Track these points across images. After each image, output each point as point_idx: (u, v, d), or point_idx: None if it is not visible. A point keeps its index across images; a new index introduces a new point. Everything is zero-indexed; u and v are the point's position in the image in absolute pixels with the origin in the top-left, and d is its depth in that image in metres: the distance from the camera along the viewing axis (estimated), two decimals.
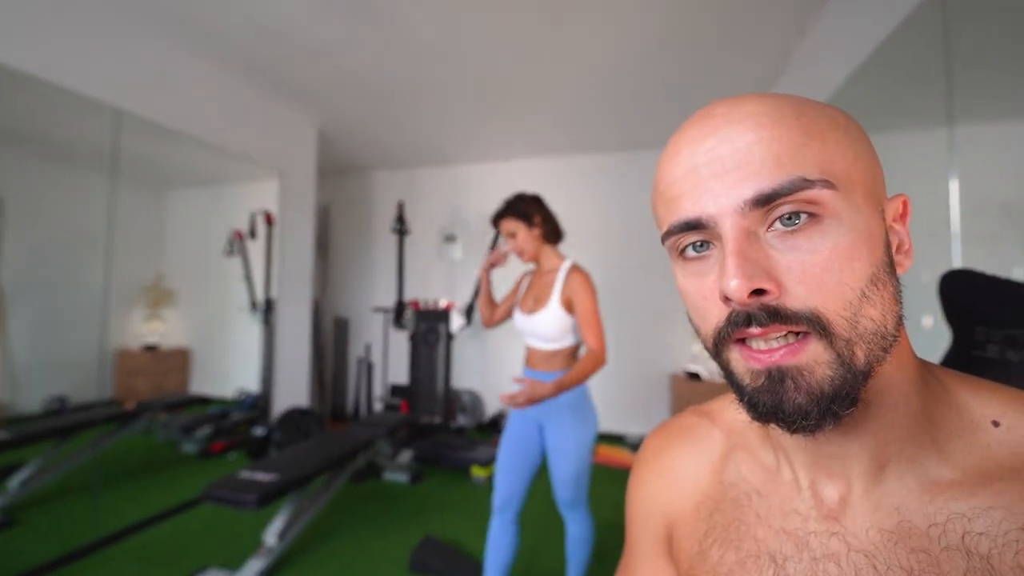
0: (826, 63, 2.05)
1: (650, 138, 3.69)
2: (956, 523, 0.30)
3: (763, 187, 0.29)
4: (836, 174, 0.29)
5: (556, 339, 1.48)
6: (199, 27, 2.28)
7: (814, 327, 0.29)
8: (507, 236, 1.54)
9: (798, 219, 0.29)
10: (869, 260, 0.30)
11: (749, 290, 0.29)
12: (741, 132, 0.30)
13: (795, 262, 0.29)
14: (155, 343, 2.77)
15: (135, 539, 2.14)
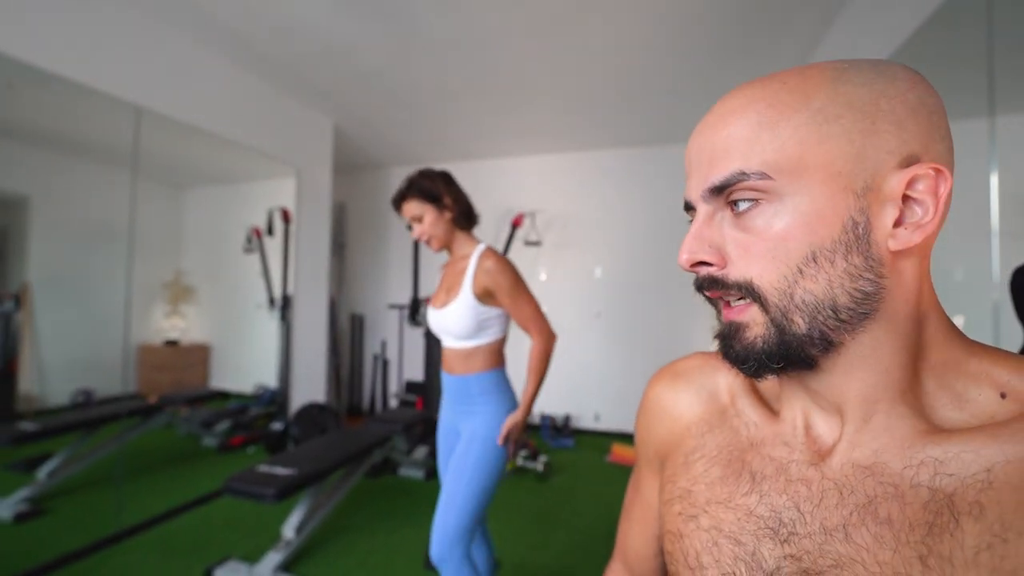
0: (858, 51, 1.98)
1: (668, 133, 3.62)
2: (929, 465, 0.32)
3: (713, 181, 0.35)
4: (781, 163, 0.32)
5: (471, 335, 1.31)
6: (219, 26, 2.30)
7: (749, 294, 0.34)
8: (412, 221, 1.33)
9: (743, 204, 0.34)
10: (806, 239, 0.32)
11: (690, 263, 0.36)
12: (715, 129, 0.35)
13: (736, 239, 0.35)
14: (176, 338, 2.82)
15: (157, 530, 2.18)
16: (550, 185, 4.11)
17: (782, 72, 0.34)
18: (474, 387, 1.34)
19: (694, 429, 0.46)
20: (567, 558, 2.02)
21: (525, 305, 1.32)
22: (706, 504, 0.41)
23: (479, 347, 1.34)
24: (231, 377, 3.15)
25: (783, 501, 0.37)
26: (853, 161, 0.31)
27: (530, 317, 1.32)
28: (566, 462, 3.21)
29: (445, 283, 1.39)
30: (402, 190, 1.33)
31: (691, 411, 0.47)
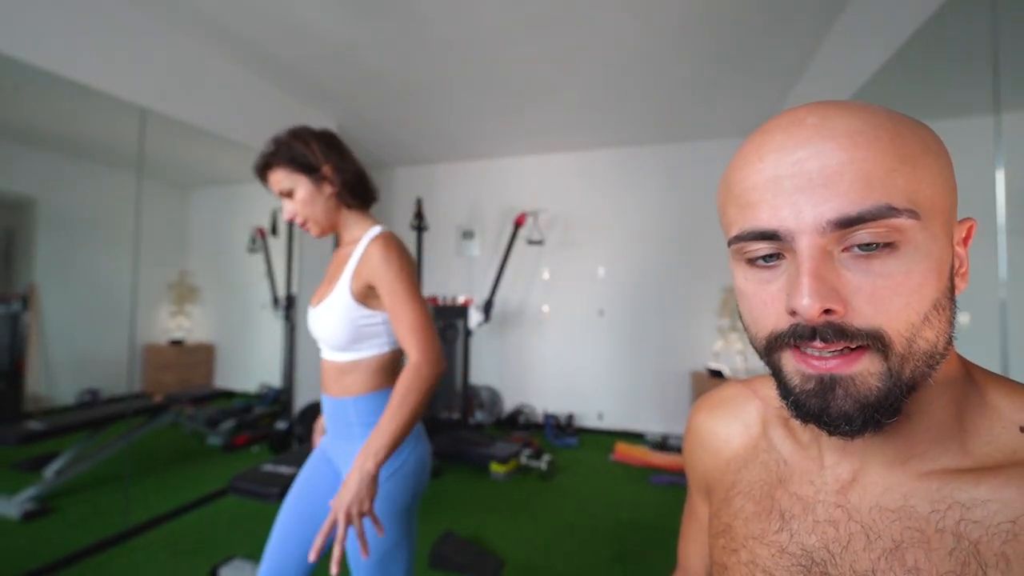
0: (862, 47, 1.97)
1: (671, 132, 3.61)
2: (955, 510, 0.32)
3: (848, 210, 0.29)
4: (921, 203, 0.30)
5: (347, 344, 0.99)
6: (223, 28, 2.31)
7: (874, 343, 0.30)
8: (281, 196, 1.01)
9: (875, 245, 0.30)
10: (936, 287, 0.31)
11: (821, 310, 0.30)
12: (834, 149, 0.30)
13: (866, 283, 0.30)
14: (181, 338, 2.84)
15: (163, 528, 2.19)
16: (553, 184, 4.11)
17: (864, 104, 0.32)
18: (352, 415, 1.00)
19: (733, 464, 0.47)
20: (571, 558, 2.02)
21: (408, 310, 0.95)
22: (744, 539, 0.42)
23: (359, 362, 1.00)
24: (236, 376, 3.16)
25: (813, 541, 0.37)
26: (952, 210, 0.32)
27: (411, 327, 0.94)
28: (570, 461, 3.21)
29: (327, 277, 1.07)
30: (266, 155, 0.99)
31: (728, 445, 0.49)
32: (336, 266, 1.05)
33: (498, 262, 4.03)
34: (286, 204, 1.00)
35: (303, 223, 1.02)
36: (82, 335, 2.33)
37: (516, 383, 4.18)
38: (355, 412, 1.00)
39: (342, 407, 1.01)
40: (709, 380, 3.30)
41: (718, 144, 3.73)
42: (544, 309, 4.12)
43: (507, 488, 2.73)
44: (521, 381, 4.17)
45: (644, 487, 2.80)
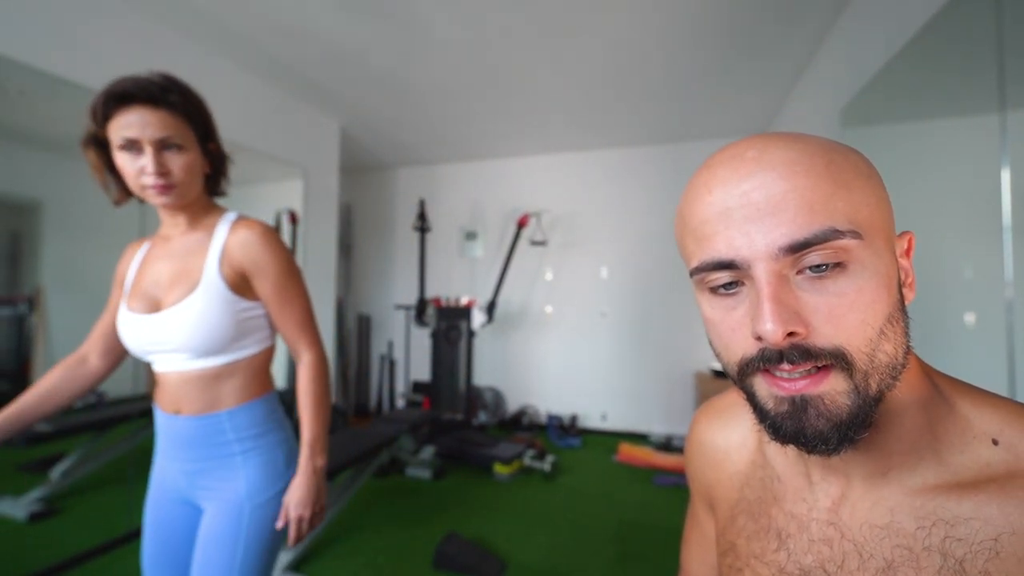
0: (865, 46, 1.96)
1: (673, 133, 3.61)
2: (940, 528, 0.33)
3: (797, 236, 0.31)
4: (861, 223, 0.32)
5: (227, 344, 0.83)
6: (226, 30, 2.32)
7: (838, 361, 0.32)
8: (152, 146, 0.78)
9: (824, 266, 0.31)
10: (887, 301, 0.32)
11: (784, 333, 0.31)
12: (775, 179, 0.32)
13: (822, 304, 0.32)
14: None
15: None
16: (556, 185, 4.11)
17: (798, 134, 0.34)
18: (228, 431, 0.85)
19: (736, 480, 0.48)
20: (575, 559, 2.01)
21: (299, 305, 0.90)
22: (747, 558, 0.43)
23: (237, 364, 0.85)
24: None
25: (809, 560, 0.38)
26: (890, 226, 0.35)
27: (302, 324, 0.91)
28: (573, 462, 3.20)
29: (158, 271, 0.86)
30: (162, 88, 0.82)
31: (729, 458, 0.50)
32: (184, 257, 0.86)
33: (501, 263, 4.03)
34: (157, 157, 0.78)
35: (168, 187, 0.80)
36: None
37: (519, 384, 4.18)
38: (232, 427, 0.85)
39: (213, 425, 0.84)
40: (713, 381, 3.29)
41: (721, 144, 3.72)
42: (547, 310, 4.12)
43: (510, 489, 2.73)
44: (524, 382, 4.17)
45: (648, 488, 2.79)
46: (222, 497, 0.85)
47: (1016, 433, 0.33)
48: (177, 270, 0.85)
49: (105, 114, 0.78)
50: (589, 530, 2.26)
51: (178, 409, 0.85)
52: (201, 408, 0.84)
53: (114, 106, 0.78)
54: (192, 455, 0.86)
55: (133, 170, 0.78)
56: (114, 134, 0.78)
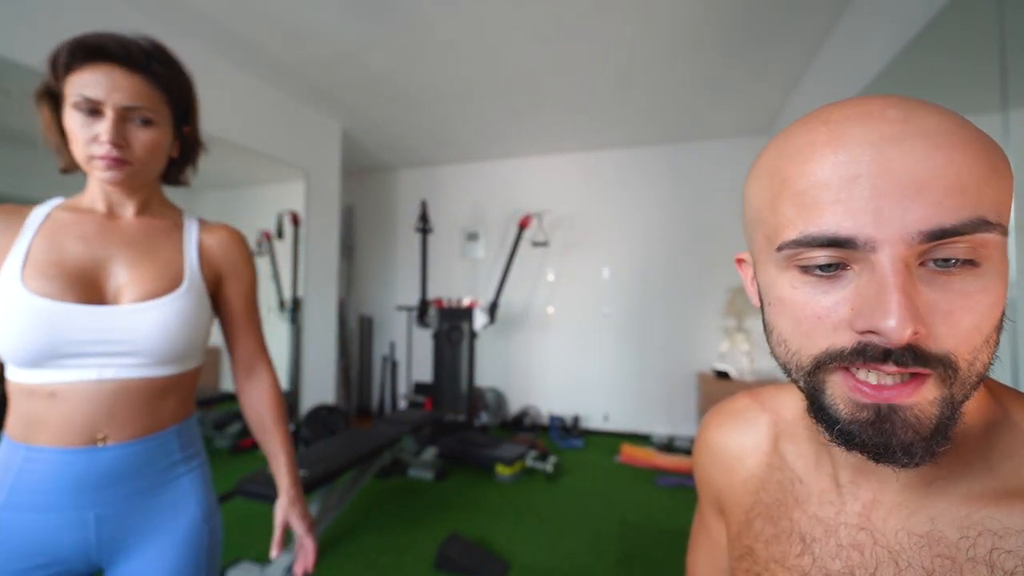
0: (867, 44, 1.96)
1: (675, 133, 3.61)
2: (986, 538, 0.30)
3: (944, 221, 0.26)
4: (1005, 217, 0.27)
5: (183, 354, 0.73)
6: (227, 32, 2.33)
7: (943, 368, 0.28)
8: (112, 110, 0.66)
9: (956, 261, 0.27)
10: (1000, 309, 0.29)
11: (912, 332, 0.26)
12: (926, 149, 0.27)
13: (943, 302, 0.28)
14: None
15: None
16: (557, 186, 4.11)
17: (951, 112, 0.29)
18: (176, 451, 0.75)
19: (750, 484, 0.46)
20: (577, 560, 2.01)
21: (258, 320, 0.87)
22: (767, 563, 0.40)
23: (184, 375, 0.75)
24: None
25: (837, 566, 0.35)
26: None
27: (261, 338, 0.88)
28: (575, 463, 3.20)
29: (94, 252, 0.70)
30: (135, 48, 0.72)
31: (742, 463, 0.47)
32: (150, 247, 0.74)
33: (503, 264, 4.03)
34: (118, 127, 0.67)
35: (121, 162, 0.68)
36: None
37: (521, 385, 4.18)
38: (180, 445, 0.75)
39: (159, 446, 0.73)
40: (715, 381, 3.28)
41: (722, 144, 3.72)
42: (549, 311, 4.12)
43: (512, 490, 2.73)
44: (526, 383, 4.17)
45: (650, 489, 2.78)
46: (170, 529, 0.73)
47: None
48: (141, 259, 0.72)
49: (68, 64, 0.66)
50: (591, 531, 2.25)
51: (99, 438, 0.67)
52: (142, 429, 0.70)
53: (82, 59, 0.66)
54: (121, 492, 0.69)
55: (85, 136, 0.66)
56: (71, 89, 0.66)
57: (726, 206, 3.69)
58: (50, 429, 0.65)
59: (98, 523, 0.67)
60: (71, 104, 0.66)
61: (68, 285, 0.66)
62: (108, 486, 0.68)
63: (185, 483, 0.76)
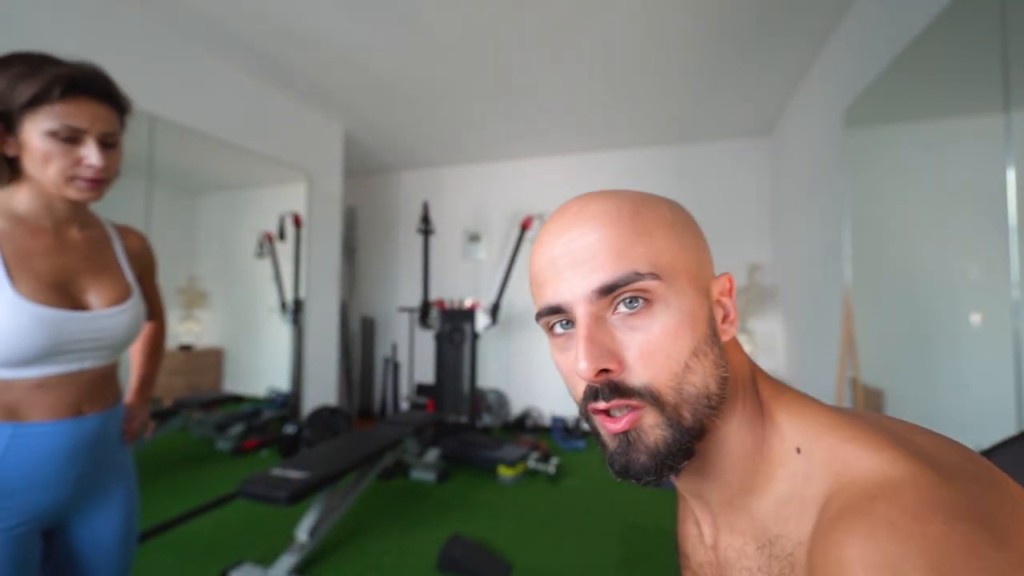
0: (869, 45, 1.96)
1: (679, 134, 3.61)
2: (766, 549, 0.36)
3: (606, 279, 0.35)
4: (662, 266, 0.35)
5: (128, 347, 0.92)
6: (231, 34, 2.34)
7: (649, 397, 0.35)
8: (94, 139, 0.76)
9: (636, 303, 0.35)
10: (691, 336, 0.35)
11: (596, 371, 0.34)
12: (587, 231, 0.36)
13: (633, 340, 0.35)
14: (190, 343, 2.86)
15: (173, 533, 2.20)
16: (559, 187, 4.11)
17: (619, 191, 0.39)
18: (120, 423, 0.93)
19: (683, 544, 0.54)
20: (580, 561, 2.01)
21: (160, 296, 1.12)
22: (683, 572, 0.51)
23: (117, 363, 0.92)
24: (244, 381, 3.18)
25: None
26: (698, 268, 0.38)
27: (161, 308, 1.13)
28: (578, 464, 3.19)
29: (58, 264, 0.80)
30: (106, 82, 0.79)
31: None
32: (95, 254, 0.87)
33: (505, 265, 4.03)
34: (90, 148, 0.75)
35: (102, 182, 0.80)
36: None
37: (523, 386, 4.18)
38: (116, 423, 0.90)
39: (115, 417, 0.90)
40: None
41: (725, 145, 3.72)
42: None
43: (515, 491, 2.73)
44: (528, 384, 4.17)
45: (653, 490, 2.78)
46: (125, 484, 0.94)
47: (812, 438, 0.35)
48: (99, 272, 0.86)
49: (41, 98, 0.71)
50: (594, 532, 2.25)
51: (81, 410, 0.82)
52: (105, 404, 0.87)
53: (61, 92, 0.72)
54: (94, 455, 0.84)
55: (67, 159, 0.74)
56: (47, 119, 0.72)
57: (727, 207, 3.69)
58: (43, 407, 0.77)
59: (77, 481, 0.82)
60: (46, 131, 0.72)
61: (56, 295, 0.78)
62: (89, 449, 0.83)
63: (126, 450, 0.97)
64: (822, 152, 2.47)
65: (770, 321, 3.52)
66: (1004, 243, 1.40)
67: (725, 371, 0.37)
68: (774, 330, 3.51)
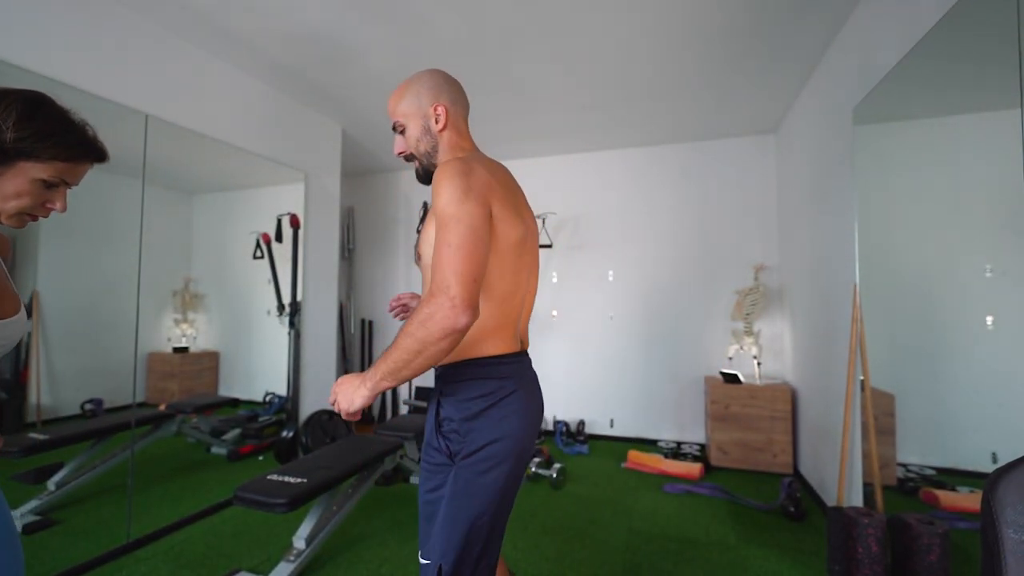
0: (877, 44, 1.92)
1: (684, 133, 3.58)
2: None
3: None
4: (403, 113, 1.11)
5: None
6: (227, 33, 2.29)
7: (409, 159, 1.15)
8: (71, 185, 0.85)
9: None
10: (415, 137, 1.11)
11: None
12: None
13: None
14: (185, 346, 2.81)
15: (167, 540, 2.15)
16: (561, 187, 4.07)
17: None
18: None
19: None
20: (583, 568, 1.95)
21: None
22: None
23: None
24: (240, 384, 3.13)
25: None
26: (418, 109, 1.08)
27: None
28: (581, 469, 3.14)
29: None
30: (105, 153, 0.89)
31: None
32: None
33: None
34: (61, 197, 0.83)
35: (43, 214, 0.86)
36: (85, 344, 2.30)
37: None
38: None
39: None
40: (724, 385, 3.23)
41: (731, 143, 3.69)
42: (553, 313, 4.07)
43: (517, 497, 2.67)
44: None
45: (658, 496, 2.73)
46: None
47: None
48: (2, 283, 0.89)
49: (74, 159, 0.80)
50: (597, 539, 2.20)
51: None
52: None
53: (85, 158, 0.82)
54: None
55: (36, 200, 0.79)
56: (51, 174, 0.78)
57: (733, 207, 3.65)
58: None
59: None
60: (44, 177, 0.78)
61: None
62: None
63: None
64: (830, 150, 2.43)
65: (777, 322, 3.48)
66: (1020, 242, 1.36)
67: (432, 144, 1.09)
68: (781, 332, 3.47)
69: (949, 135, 1.75)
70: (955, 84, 1.74)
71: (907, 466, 1.85)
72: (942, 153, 1.77)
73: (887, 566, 1.69)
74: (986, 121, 1.62)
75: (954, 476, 1.72)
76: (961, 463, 1.70)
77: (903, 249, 1.96)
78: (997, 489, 0.61)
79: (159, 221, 2.46)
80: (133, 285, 2.21)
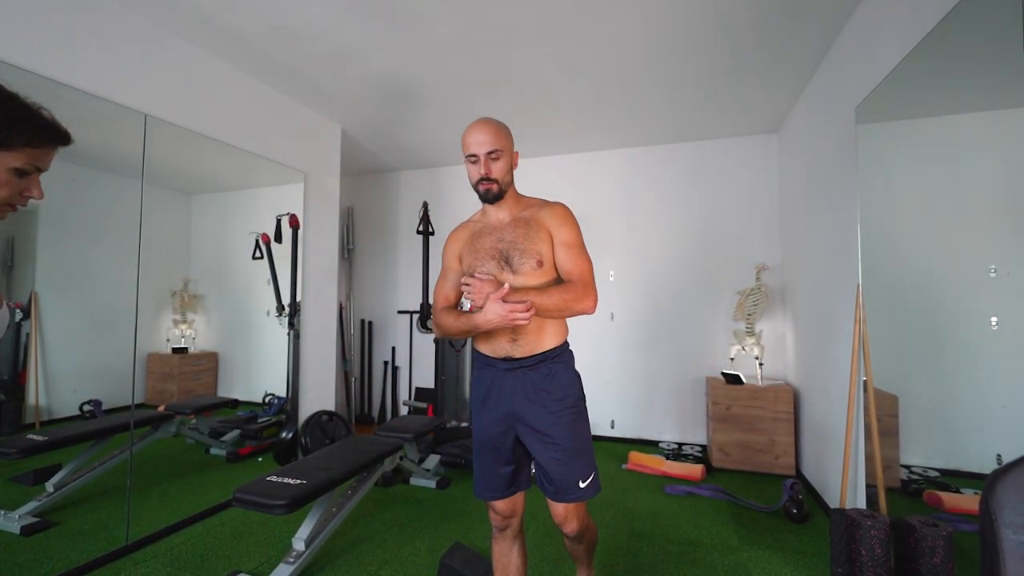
0: (879, 43, 1.91)
1: (685, 132, 3.57)
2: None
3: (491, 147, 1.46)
4: (500, 147, 1.46)
5: None
6: (226, 33, 2.29)
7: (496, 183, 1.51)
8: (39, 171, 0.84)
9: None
10: (508, 168, 1.55)
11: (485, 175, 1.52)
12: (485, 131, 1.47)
13: (495, 167, 1.52)
14: (184, 347, 2.80)
15: (166, 542, 2.14)
16: (561, 187, 4.06)
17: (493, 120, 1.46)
18: None
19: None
20: None
21: None
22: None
23: None
24: (240, 385, 3.12)
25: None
26: (510, 149, 1.47)
27: None
28: None
29: None
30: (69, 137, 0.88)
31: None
32: None
33: None
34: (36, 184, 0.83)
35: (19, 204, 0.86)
36: (84, 345, 2.29)
37: None
38: None
39: None
40: (725, 386, 3.21)
41: (733, 142, 3.67)
42: None
43: None
44: None
45: (659, 497, 2.72)
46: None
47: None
48: None
49: (44, 143, 0.80)
50: (600, 542, 2.19)
51: None
52: None
53: (54, 142, 0.82)
54: None
55: (14, 190, 0.80)
56: (23, 161, 0.79)
57: (735, 206, 3.64)
58: None
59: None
60: (17, 165, 0.77)
61: None
62: None
63: None
64: (832, 150, 2.42)
65: (779, 323, 3.47)
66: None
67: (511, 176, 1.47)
68: (783, 332, 3.45)
69: (952, 134, 1.74)
70: (958, 83, 1.73)
71: (911, 468, 1.84)
72: (945, 152, 1.76)
73: (890, 569, 1.68)
74: (990, 120, 1.61)
75: (958, 478, 1.70)
76: (965, 465, 1.69)
77: (906, 249, 1.94)
78: (995, 490, 0.60)
79: (158, 221, 2.44)
80: (132, 286, 2.20)
